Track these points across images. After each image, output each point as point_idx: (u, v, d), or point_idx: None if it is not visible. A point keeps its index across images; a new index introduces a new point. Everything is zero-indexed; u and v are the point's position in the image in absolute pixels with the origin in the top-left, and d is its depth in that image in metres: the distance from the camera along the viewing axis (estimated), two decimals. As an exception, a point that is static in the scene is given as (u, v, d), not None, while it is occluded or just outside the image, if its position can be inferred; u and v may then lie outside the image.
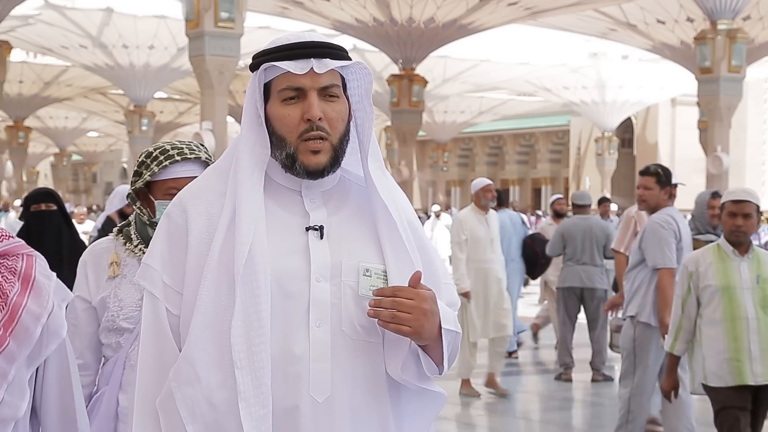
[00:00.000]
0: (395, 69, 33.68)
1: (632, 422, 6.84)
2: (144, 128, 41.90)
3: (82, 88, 47.10)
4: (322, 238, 2.11)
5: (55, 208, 5.81)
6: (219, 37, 22.51)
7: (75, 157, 75.43)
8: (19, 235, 5.50)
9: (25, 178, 54.55)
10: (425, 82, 33.81)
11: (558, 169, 62.43)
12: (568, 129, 59.89)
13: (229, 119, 36.57)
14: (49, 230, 5.69)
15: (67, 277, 5.21)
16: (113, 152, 72.22)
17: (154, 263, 2.13)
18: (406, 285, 2.09)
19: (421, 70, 34.22)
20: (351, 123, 2.19)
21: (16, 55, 36.44)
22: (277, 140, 2.13)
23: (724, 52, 27.41)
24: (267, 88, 2.15)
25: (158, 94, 45.88)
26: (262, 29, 36.41)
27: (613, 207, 18.67)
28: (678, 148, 53.32)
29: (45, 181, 78.92)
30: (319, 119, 2.10)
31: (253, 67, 2.18)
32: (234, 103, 44.91)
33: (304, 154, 2.11)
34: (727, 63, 27.45)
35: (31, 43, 38.72)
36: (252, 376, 2.01)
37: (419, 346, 2.11)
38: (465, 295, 8.94)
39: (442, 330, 2.09)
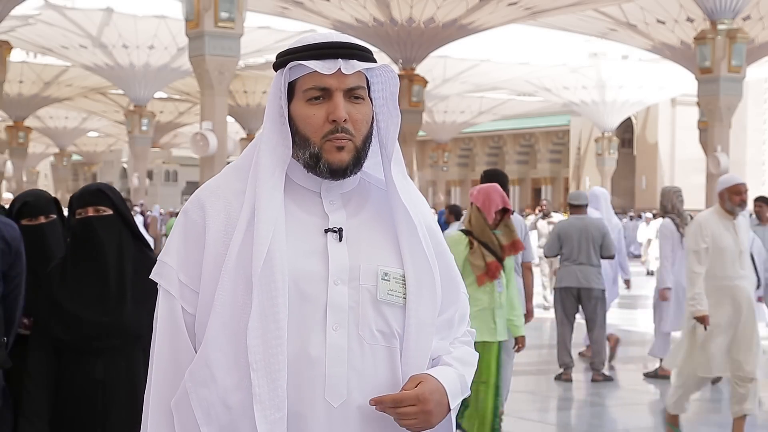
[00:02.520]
0: (395, 69, 33.67)
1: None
2: (144, 128, 41.89)
3: (82, 88, 47.10)
4: (341, 240, 2.09)
5: (110, 212, 3.85)
6: (219, 37, 22.51)
7: (75, 157, 75.44)
8: (66, 251, 3.95)
9: (25, 178, 54.51)
10: (425, 82, 33.81)
11: (558, 169, 62.44)
12: (568, 129, 59.91)
13: (229, 119, 36.56)
14: (101, 246, 3.80)
15: (132, 314, 3.69)
16: (113, 152, 72.24)
17: (170, 261, 2.11)
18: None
19: (421, 70, 34.22)
20: (374, 125, 2.17)
21: (16, 55, 36.43)
22: (300, 140, 2.10)
23: (724, 52, 27.41)
24: (291, 88, 2.12)
25: (158, 94, 45.87)
26: (262, 29, 36.41)
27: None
28: (678, 148, 53.33)
29: (45, 181, 78.92)
30: (344, 120, 2.08)
31: (278, 65, 2.14)
32: (234, 103, 44.91)
33: (329, 151, 2.08)
34: (727, 63, 27.44)
35: (31, 43, 38.71)
36: (268, 378, 1.99)
37: None
38: (701, 320, 7.28)
39: (451, 408, 2.09)
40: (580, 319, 10.70)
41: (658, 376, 10.53)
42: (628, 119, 53.28)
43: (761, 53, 32.80)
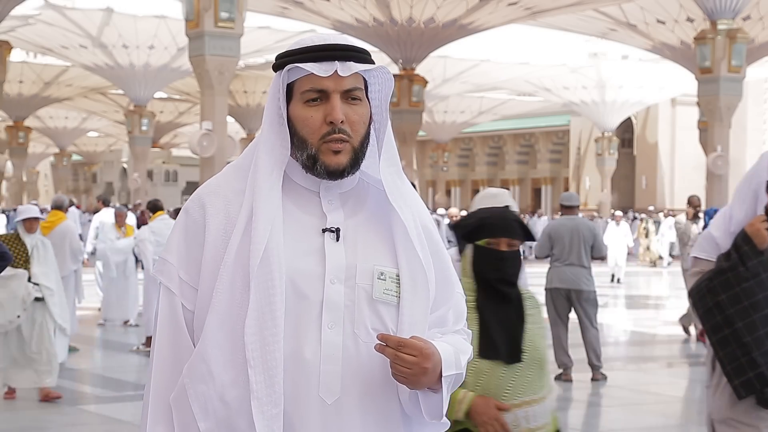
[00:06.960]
0: (395, 69, 33.71)
1: None
2: (144, 128, 41.88)
3: (82, 88, 47.10)
4: (338, 240, 2.12)
5: None
6: (219, 37, 22.51)
7: (75, 157, 75.42)
8: None
9: (25, 178, 54.55)
10: (425, 82, 33.81)
11: (558, 169, 62.41)
12: (568, 129, 59.90)
13: (229, 119, 36.53)
14: None
15: None
16: (113, 152, 72.17)
17: (171, 258, 2.14)
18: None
19: (421, 70, 34.22)
20: (371, 126, 2.20)
21: (16, 55, 36.42)
22: (298, 141, 2.13)
23: (724, 52, 27.41)
24: (289, 89, 2.16)
25: (158, 94, 45.86)
26: (262, 29, 36.40)
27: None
28: (678, 148, 53.32)
29: (45, 181, 78.95)
30: (342, 122, 2.11)
31: (277, 67, 2.18)
32: (234, 103, 44.91)
33: (326, 154, 2.11)
34: (727, 63, 27.44)
35: (31, 43, 38.72)
36: (265, 375, 2.02)
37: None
38: None
39: (443, 377, 2.09)
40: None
41: None
42: (628, 119, 53.28)
43: (761, 53, 32.80)
